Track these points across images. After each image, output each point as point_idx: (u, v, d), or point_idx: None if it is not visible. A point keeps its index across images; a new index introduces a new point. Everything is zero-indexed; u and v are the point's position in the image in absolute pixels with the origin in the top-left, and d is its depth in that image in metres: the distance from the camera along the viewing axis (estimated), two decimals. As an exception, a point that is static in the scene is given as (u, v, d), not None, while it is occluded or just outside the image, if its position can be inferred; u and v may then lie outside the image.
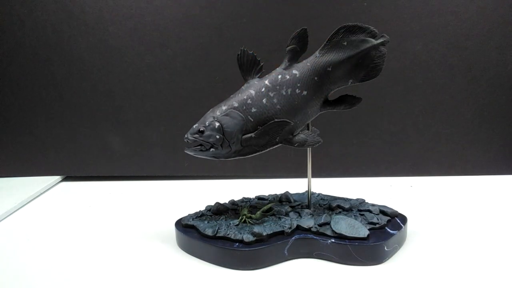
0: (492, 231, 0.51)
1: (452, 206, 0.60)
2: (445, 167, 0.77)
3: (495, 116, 0.74)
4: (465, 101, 0.74)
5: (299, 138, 0.46)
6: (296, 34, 0.45)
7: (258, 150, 0.46)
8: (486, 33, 0.71)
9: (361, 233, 0.43)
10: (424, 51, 0.73)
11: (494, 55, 0.72)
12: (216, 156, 0.46)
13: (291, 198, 0.54)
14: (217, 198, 0.54)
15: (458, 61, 0.73)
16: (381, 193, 0.68)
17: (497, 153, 0.76)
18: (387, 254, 0.43)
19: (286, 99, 0.44)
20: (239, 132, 0.44)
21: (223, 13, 0.73)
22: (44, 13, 0.75)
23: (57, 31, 0.75)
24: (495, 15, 0.70)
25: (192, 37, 0.75)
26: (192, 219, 0.48)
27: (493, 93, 0.74)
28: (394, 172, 0.77)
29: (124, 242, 0.51)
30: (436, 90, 0.74)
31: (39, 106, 0.79)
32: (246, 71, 0.46)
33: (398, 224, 0.47)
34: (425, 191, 0.69)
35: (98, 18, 0.75)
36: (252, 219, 0.46)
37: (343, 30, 0.44)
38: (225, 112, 0.44)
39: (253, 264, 0.43)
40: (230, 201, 0.54)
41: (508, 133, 0.75)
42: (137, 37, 0.75)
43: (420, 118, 0.75)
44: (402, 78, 0.74)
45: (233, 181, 0.78)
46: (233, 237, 0.43)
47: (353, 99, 0.47)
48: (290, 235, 0.44)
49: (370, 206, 0.49)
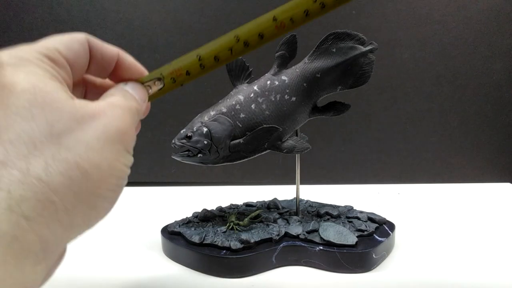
0: (479, 238, 0.51)
1: (439, 213, 0.61)
2: (432, 174, 0.78)
3: (481, 124, 0.75)
4: (452, 109, 0.75)
5: (288, 144, 0.46)
6: (286, 40, 0.45)
7: (246, 156, 0.45)
8: (472, 43, 0.72)
9: (349, 240, 0.43)
10: (411, 59, 0.73)
11: (480, 64, 0.73)
12: (203, 161, 0.45)
13: (279, 205, 0.53)
14: (204, 205, 0.54)
15: (445, 69, 0.74)
16: (369, 200, 0.68)
17: (483, 161, 0.77)
18: (375, 261, 0.43)
19: (275, 105, 0.44)
20: (227, 138, 0.44)
21: (212, 18, 0.73)
22: (30, 16, 0.74)
23: (43, 35, 0.74)
24: (481, 25, 0.72)
25: (181, 42, 0.74)
26: (178, 226, 0.48)
27: (479, 102, 0.75)
28: (382, 179, 0.78)
29: (110, 249, 0.50)
30: (423, 98, 0.75)
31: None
32: (235, 76, 0.46)
33: (386, 231, 0.46)
34: (413, 198, 0.69)
35: (85, 22, 0.74)
36: (239, 226, 0.46)
37: (332, 37, 0.44)
38: (214, 118, 0.44)
39: (240, 271, 0.42)
40: (218, 207, 0.54)
41: (494, 141, 0.76)
42: (125, 42, 0.74)
43: (407, 126, 0.76)
44: (390, 86, 0.75)
45: (220, 187, 0.78)
46: (220, 244, 0.43)
47: (341, 106, 0.47)
48: (278, 242, 0.44)
49: (358, 213, 0.49)
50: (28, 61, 0.23)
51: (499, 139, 0.76)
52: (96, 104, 0.24)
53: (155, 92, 0.30)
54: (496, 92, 0.74)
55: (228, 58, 0.30)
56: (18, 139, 0.20)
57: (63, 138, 0.21)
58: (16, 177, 0.19)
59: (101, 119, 0.23)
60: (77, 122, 0.22)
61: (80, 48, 0.26)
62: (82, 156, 0.22)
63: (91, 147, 0.22)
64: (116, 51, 0.29)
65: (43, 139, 0.21)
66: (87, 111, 0.23)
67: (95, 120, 0.23)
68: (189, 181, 0.79)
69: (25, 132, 0.20)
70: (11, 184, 0.19)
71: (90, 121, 0.23)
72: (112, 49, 0.28)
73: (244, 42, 0.30)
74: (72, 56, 0.25)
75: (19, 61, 0.22)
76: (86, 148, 0.22)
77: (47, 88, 0.22)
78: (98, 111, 0.23)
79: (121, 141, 0.24)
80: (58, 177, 0.21)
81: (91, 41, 0.27)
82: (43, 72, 0.23)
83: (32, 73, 0.22)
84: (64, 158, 0.21)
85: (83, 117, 0.22)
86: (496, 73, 0.73)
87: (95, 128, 0.23)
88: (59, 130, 0.21)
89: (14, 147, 0.20)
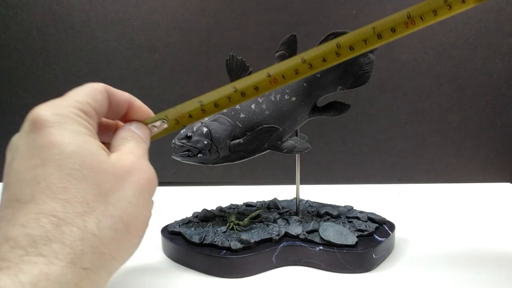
0: (479, 238, 0.51)
1: (439, 213, 0.61)
2: (432, 174, 0.78)
3: (481, 124, 0.75)
4: (452, 109, 0.75)
5: (288, 144, 0.46)
6: (286, 40, 0.45)
7: (246, 156, 0.45)
8: (472, 43, 0.72)
9: (349, 240, 0.42)
10: (411, 59, 0.73)
11: (479, 64, 0.73)
12: (203, 162, 0.45)
13: (279, 204, 0.53)
14: (204, 205, 0.53)
15: (445, 70, 0.74)
16: (369, 200, 0.68)
17: (483, 161, 0.77)
18: (375, 261, 0.43)
19: (275, 105, 0.44)
20: (227, 138, 0.44)
21: (212, 18, 0.73)
22: (30, 16, 0.74)
23: (43, 35, 0.74)
24: (480, 26, 0.72)
25: (181, 42, 0.74)
26: (178, 226, 0.48)
27: (478, 102, 0.75)
28: (382, 179, 0.78)
29: (109, 250, 0.50)
30: (423, 98, 0.75)
31: (23, 110, 0.77)
32: (235, 76, 0.46)
33: (386, 231, 0.46)
34: (413, 198, 0.69)
35: (85, 22, 0.74)
36: (239, 226, 0.46)
37: (332, 36, 0.44)
38: (213, 118, 0.44)
39: (240, 272, 0.42)
40: (218, 207, 0.54)
41: (494, 141, 0.76)
42: (124, 42, 0.74)
43: (407, 126, 0.76)
44: (390, 86, 0.75)
45: (220, 187, 0.78)
46: (220, 244, 0.43)
47: (341, 105, 0.47)
48: (278, 242, 0.44)
49: (358, 213, 0.49)
50: (69, 118, 0.26)
51: (499, 139, 0.76)
52: (127, 158, 0.28)
53: (160, 131, 0.33)
54: (496, 92, 0.74)
55: (227, 105, 0.33)
56: (74, 199, 0.23)
57: (109, 196, 0.25)
58: (76, 234, 0.23)
59: (134, 175, 0.27)
60: (117, 180, 0.26)
61: (102, 97, 0.29)
62: (124, 211, 0.25)
63: (129, 202, 0.26)
64: (128, 96, 0.32)
65: (94, 198, 0.24)
66: (124, 168, 0.27)
67: (130, 176, 0.27)
68: (189, 181, 0.79)
69: (79, 192, 0.24)
70: (73, 241, 0.22)
71: (127, 177, 0.26)
72: (125, 95, 0.32)
73: (241, 92, 0.33)
74: (97, 106, 0.29)
75: (61, 119, 0.25)
76: (126, 204, 0.26)
77: (91, 149, 0.25)
78: (131, 167, 0.27)
79: (149, 192, 0.28)
80: (107, 231, 0.24)
81: (108, 89, 0.30)
82: (84, 129, 0.26)
83: (76, 133, 0.25)
84: (111, 214, 0.25)
85: (121, 175, 0.26)
86: (496, 73, 0.73)
87: (131, 184, 0.26)
88: (105, 189, 0.25)
89: (71, 205, 0.23)
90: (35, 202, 0.23)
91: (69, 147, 0.24)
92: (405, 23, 0.32)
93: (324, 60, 0.33)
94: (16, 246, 0.21)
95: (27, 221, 0.22)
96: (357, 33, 0.33)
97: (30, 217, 0.22)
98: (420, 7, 0.32)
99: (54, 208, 0.23)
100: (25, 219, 0.22)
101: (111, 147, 0.30)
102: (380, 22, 0.32)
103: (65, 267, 0.21)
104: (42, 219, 0.22)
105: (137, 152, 0.29)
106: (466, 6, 0.31)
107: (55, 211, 0.22)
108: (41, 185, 0.23)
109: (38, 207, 0.22)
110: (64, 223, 0.22)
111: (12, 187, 0.24)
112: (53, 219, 0.22)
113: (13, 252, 0.21)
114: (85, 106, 0.28)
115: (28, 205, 0.23)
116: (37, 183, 0.23)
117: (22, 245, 0.21)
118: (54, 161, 0.24)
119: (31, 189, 0.23)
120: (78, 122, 0.26)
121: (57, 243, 0.22)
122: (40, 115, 0.25)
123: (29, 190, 0.23)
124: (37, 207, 0.22)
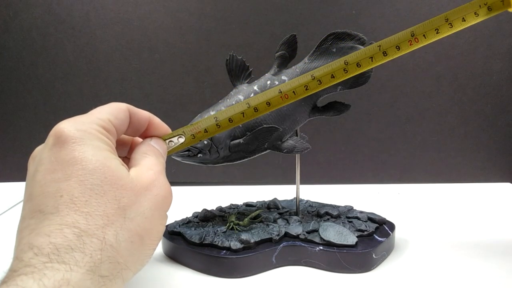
0: (479, 238, 0.51)
1: (439, 213, 0.61)
2: (432, 174, 0.78)
3: (481, 124, 0.75)
4: (452, 109, 0.75)
5: (288, 144, 0.46)
6: (286, 40, 0.45)
7: (247, 156, 0.45)
8: (472, 43, 0.72)
9: (349, 241, 0.42)
10: (411, 59, 0.73)
11: (479, 64, 0.73)
12: (203, 162, 0.45)
13: (279, 204, 0.53)
14: (204, 205, 0.53)
15: (445, 69, 0.74)
16: (369, 200, 0.68)
17: (483, 161, 0.77)
18: (375, 261, 0.43)
19: (275, 105, 0.44)
20: (228, 138, 0.44)
21: (212, 18, 0.73)
22: (30, 16, 0.74)
23: (42, 34, 0.74)
24: (480, 25, 0.72)
25: (180, 42, 0.74)
26: (178, 226, 0.48)
27: (479, 102, 0.75)
28: (382, 179, 0.78)
29: (109, 250, 0.49)
30: (423, 98, 0.75)
31: (23, 110, 0.77)
32: (235, 76, 0.46)
33: (386, 231, 0.46)
34: (413, 198, 0.69)
35: (85, 22, 0.74)
36: (239, 226, 0.46)
37: (332, 37, 0.44)
38: (213, 118, 0.44)
39: (240, 272, 0.42)
40: (218, 207, 0.54)
41: (494, 141, 0.76)
42: (124, 42, 0.74)
43: (407, 125, 0.76)
44: (390, 86, 0.74)
45: (220, 187, 0.78)
46: (220, 244, 0.43)
47: (341, 105, 0.47)
48: (278, 242, 0.44)
49: (358, 213, 0.49)
50: (91, 134, 0.28)
51: (499, 139, 0.76)
52: (146, 174, 0.30)
53: (177, 145, 0.36)
54: (496, 92, 0.74)
55: (241, 120, 0.37)
56: (95, 212, 0.25)
57: (127, 211, 0.27)
58: (96, 245, 0.24)
59: (152, 191, 0.29)
60: (135, 196, 0.28)
61: (124, 116, 0.32)
62: (140, 225, 0.27)
63: (145, 216, 0.28)
64: (148, 115, 0.35)
65: (113, 212, 0.26)
66: (142, 184, 0.28)
67: (148, 192, 0.29)
68: (189, 181, 0.79)
69: (100, 206, 0.25)
70: (92, 250, 0.24)
71: (144, 192, 0.28)
72: (145, 113, 0.35)
73: (254, 108, 0.36)
74: (118, 124, 0.31)
75: (83, 135, 0.27)
76: (142, 218, 0.27)
77: (111, 165, 0.27)
78: (149, 183, 0.29)
79: (164, 208, 0.30)
80: (124, 243, 0.26)
81: (130, 108, 0.33)
82: (104, 145, 0.28)
83: (97, 148, 0.27)
84: (128, 228, 0.26)
85: (139, 191, 0.28)
86: (496, 73, 0.73)
87: (148, 200, 0.28)
88: (124, 204, 0.27)
89: (92, 218, 0.25)
90: (59, 214, 0.24)
91: (91, 164, 0.26)
92: (409, 41, 0.34)
93: (332, 76, 0.35)
94: (40, 253, 0.23)
95: (51, 231, 0.24)
96: (363, 51, 0.34)
97: (54, 228, 0.24)
98: (423, 26, 0.34)
99: (76, 220, 0.24)
100: (49, 229, 0.24)
101: (132, 160, 0.32)
102: (386, 41, 0.34)
103: (85, 274, 0.23)
104: (65, 230, 0.24)
105: (156, 168, 0.31)
106: (466, 24, 0.33)
107: (77, 222, 0.24)
108: (64, 198, 0.25)
109: (61, 218, 0.24)
110: (86, 234, 0.24)
111: (36, 198, 0.25)
112: (75, 230, 0.24)
113: (37, 258, 0.23)
114: (106, 123, 0.30)
115: (52, 216, 0.24)
116: (61, 196, 0.25)
117: (46, 253, 0.23)
118: (77, 176, 0.26)
119: (54, 201, 0.25)
120: (99, 138, 0.28)
121: (78, 252, 0.23)
122: (64, 130, 0.27)
123: (52, 202, 0.25)
124: (61, 219, 0.24)
